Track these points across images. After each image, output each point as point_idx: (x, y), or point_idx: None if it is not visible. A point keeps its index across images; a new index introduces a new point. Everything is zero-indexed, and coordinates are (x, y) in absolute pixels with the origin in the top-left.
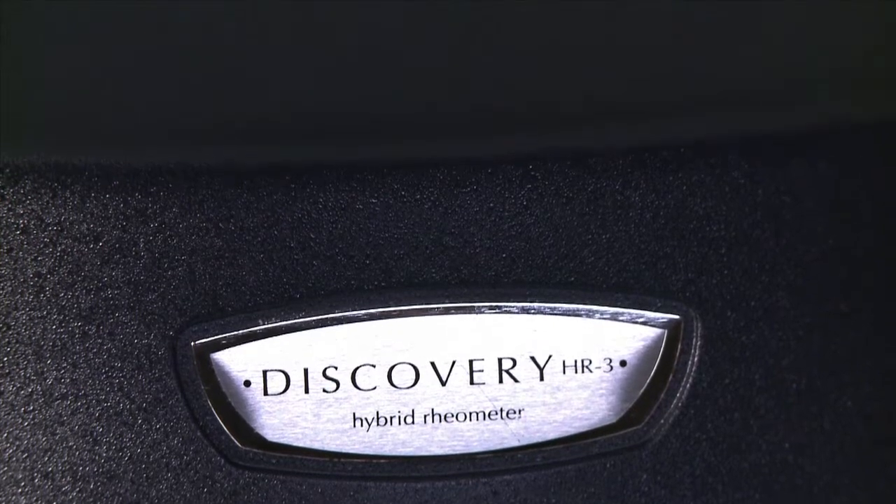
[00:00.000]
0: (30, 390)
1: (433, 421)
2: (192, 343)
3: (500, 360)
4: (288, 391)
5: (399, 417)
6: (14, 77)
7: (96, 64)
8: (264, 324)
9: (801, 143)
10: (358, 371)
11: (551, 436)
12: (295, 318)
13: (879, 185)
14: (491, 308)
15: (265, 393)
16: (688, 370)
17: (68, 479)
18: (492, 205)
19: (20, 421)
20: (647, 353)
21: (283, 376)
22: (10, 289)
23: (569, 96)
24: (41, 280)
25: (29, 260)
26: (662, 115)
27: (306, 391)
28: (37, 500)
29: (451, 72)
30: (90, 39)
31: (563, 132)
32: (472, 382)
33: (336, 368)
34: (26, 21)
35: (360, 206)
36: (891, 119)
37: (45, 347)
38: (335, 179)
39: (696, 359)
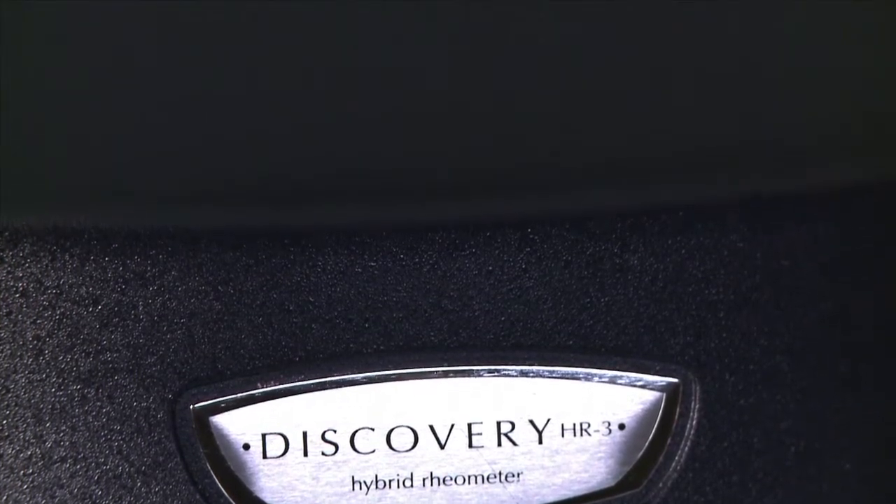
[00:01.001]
0: (29, 453)
1: (432, 484)
2: (191, 406)
3: (498, 424)
4: (287, 454)
5: (398, 481)
6: (13, 140)
7: (95, 127)
8: (263, 387)
9: (800, 206)
10: (357, 434)
11: (550, 499)
12: (294, 382)
13: (879, 247)
14: (490, 371)
15: (264, 456)
16: (686, 433)
17: None
18: (490, 268)
19: (19, 484)
20: (646, 417)
21: (281, 439)
22: (9, 352)
23: (567, 159)
24: (40, 343)
25: (28, 323)
26: (661, 178)
27: (305, 454)
28: None
29: (449, 135)
30: (89, 103)
31: (561, 195)
32: (470, 446)
33: (335, 432)
34: (25, 84)
35: (359, 270)
36: (890, 181)
37: (44, 410)
38: (334, 243)
39: (694, 422)
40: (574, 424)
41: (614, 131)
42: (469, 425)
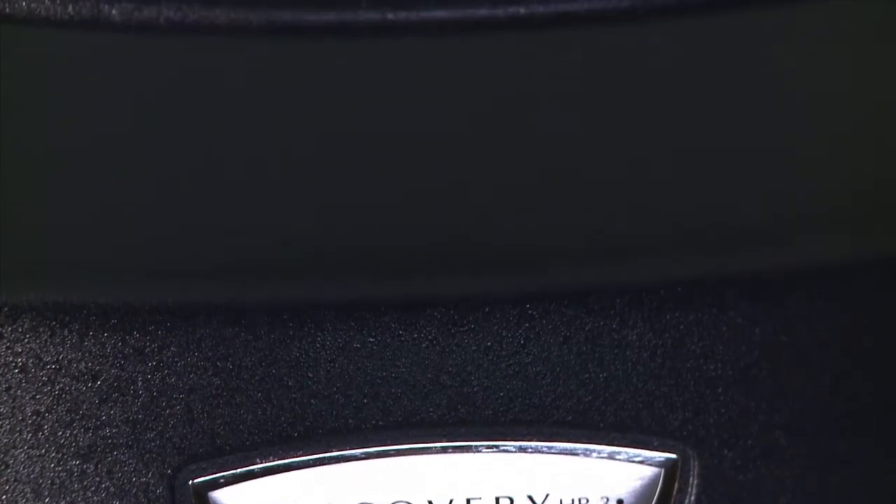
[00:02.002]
0: None
1: None
2: (191, 482)
3: (497, 500)
4: None
5: None
6: (12, 216)
7: (94, 203)
8: (262, 462)
9: (799, 282)
10: None
11: None
12: (293, 457)
13: (879, 322)
14: (488, 447)
15: None
16: None
17: None
18: (489, 344)
19: None
20: (645, 492)
21: None
22: (8, 427)
23: (566, 235)
24: (39, 418)
25: (27, 398)
26: (660, 254)
27: None
28: None
29: (448, 211)
30: (87, 179)
31: (560, 271)
32: None
33: None
34: (25, 160)
35: (358, 346)
36: (890, 257)
37: (43, 486)
38: (333, 318)
39: (693, 498)
40: (573, 500)
41: (613, 208)
42: (468, 500)
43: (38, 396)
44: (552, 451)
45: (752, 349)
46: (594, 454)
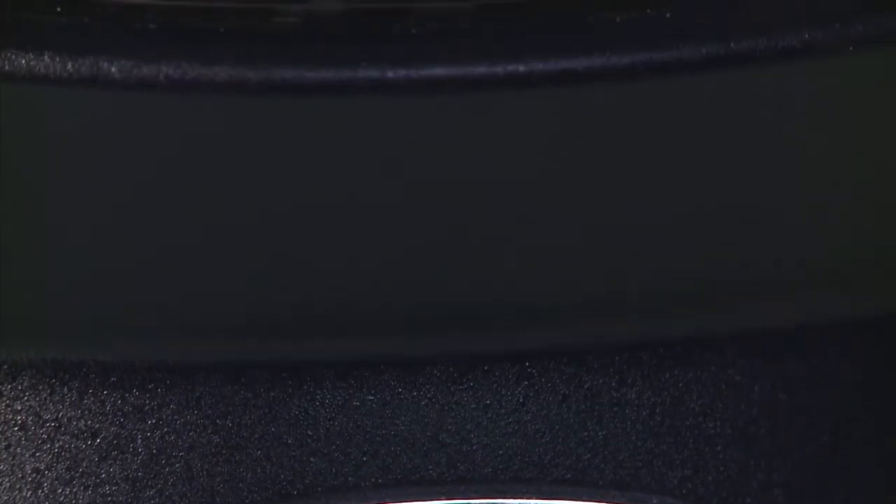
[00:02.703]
0: None
1: None
2: None
3: None
4: None
5: None
6: (12, 273)
7: (93, 261)
8: None
9: (799, 339)
10: None
11: None
12: None
13: (879, 381)
14: None
15: None
16: None
17: None
18: (488, 402)
19: None
20: None
21: None
22: (8, 485)
23: (565, 294)
24: (39, 476)
25: (27, 456)
26: (659, 312)
27: None
28: None
29: (447, 269)
30: (87, 237)
31: (559, 329)
32: None
33: None
34: (24, 218)
35: (357, 403)
36: (889, 315)
37: None
38: (332, 376)
39: None
40: None
41: (611, 266)
42: None
43: (37, 454)
44: None
45: (751, 407)
46: None
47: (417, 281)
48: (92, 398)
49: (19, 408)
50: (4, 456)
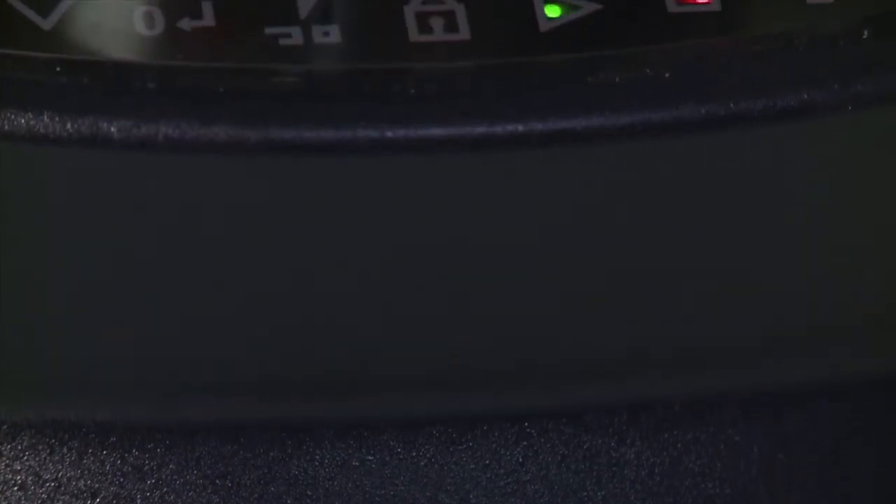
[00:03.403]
0: None
1: None
2: None
3: None
4: None
5: None
6: (11, 333)
7: (93, 321)
8: None
9: (798, 400)
10: None
11: None
12: None
13: (879, 442)
14: None
15: None
16: None
17: None
18: (487, 462)
19: None
20: None
21: None
22: None
23: (563, 354)
24: None
25: None
26: (657, 372)
27: None
28: None
29: (446, 329)
30: (86, 297)
31: (558, 389)
32: None
33: None
34: (23, 277)
35: (357, 463)
36: (889, 373)
37: None
38: (331, 436)
39: None
40: None
41: (610, 326)
42: None
43: None
44: None
45: (751, 468)
46: None
47: (416, 341)
48: (91, 458)
49: (19, 468)
50: None
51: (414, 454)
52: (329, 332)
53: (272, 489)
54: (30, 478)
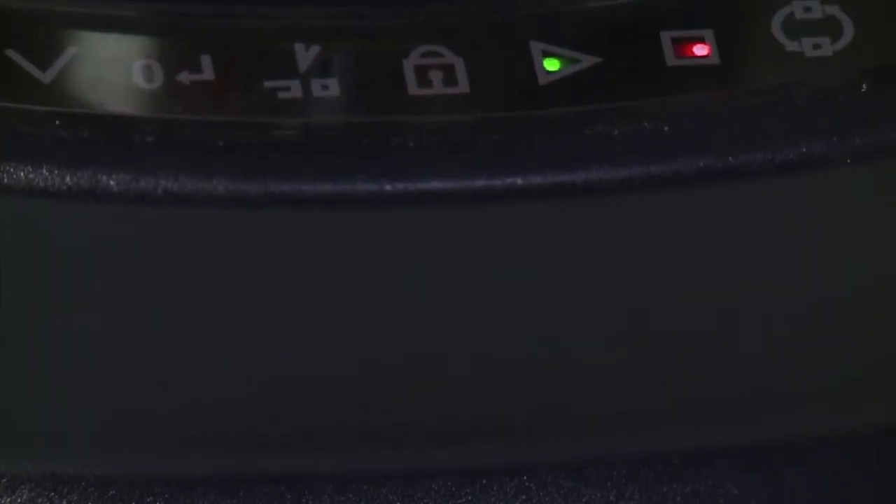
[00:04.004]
0: None
1: None
2: None
3: None
4: None
5: None
6: (9, 387)
7: (91, 375)
8: None
9: (797, 452)
10: None
11: None
12: None
13: (877, 495)
14: None
15: None
16: None
17: None
18: None
19: None
20: None
21: None
22: None
23: (563, 407)
24: None
25: None
26: (656, 425)
27: None
28: None
29: (444, 382)
30: (85, 351)
31: (557, 443)
32: None
33: None
34: (22, 331)
35: None
36: (889, 428)
37: None
38: (331, 490)
39: None
40: None
41: (608, 379)
42: None
43: None
44: None
45: None
46: None
47: (415, 395)
48: None
49: None
50: None
51: None
52: (329, 385)
53: None
54: None
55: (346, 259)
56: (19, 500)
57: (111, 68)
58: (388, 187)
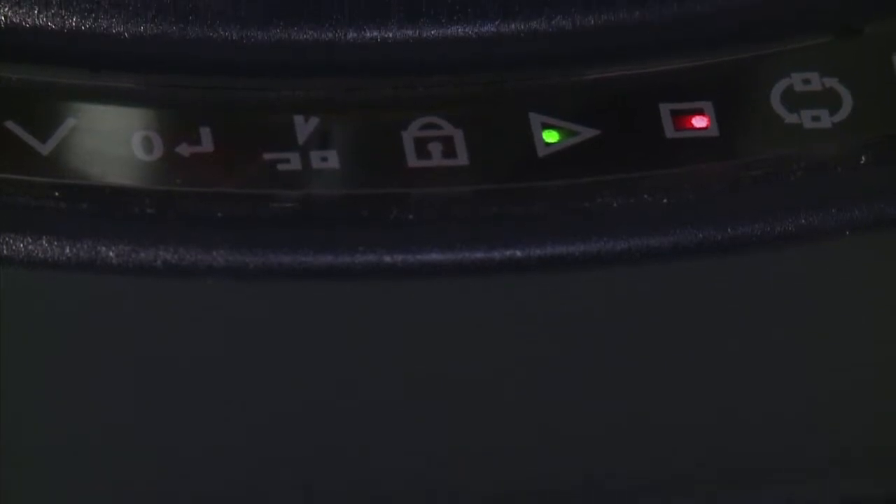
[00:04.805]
0: None
1: None
2: None
3: None
4: None
5: None
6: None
7: (89, 450)
8: None
9: None
10: None
11: None
12: None
13: None
14: None
15: None
16: None
17: None
18: None
19: None
20: None
21: None
22: None
23: (561, 480)
24: None
25: None
26: (653, 499)
27: None
28: None
29: (445, 457)
30: (83, 423)
31: None
32: None
33: None
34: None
35: None
36: (889, 499)
37: None
38: None
39: None
40: None
41: (609, 453)
42: None
43: None
44: None
45: None
46: None
47: (418, 468)
48: None
49: None
50: None
51: None
52: (328, 457)
53: None
54: None
55: (344, 330)
56: None
57: (110, 140)
58: (387, 259)
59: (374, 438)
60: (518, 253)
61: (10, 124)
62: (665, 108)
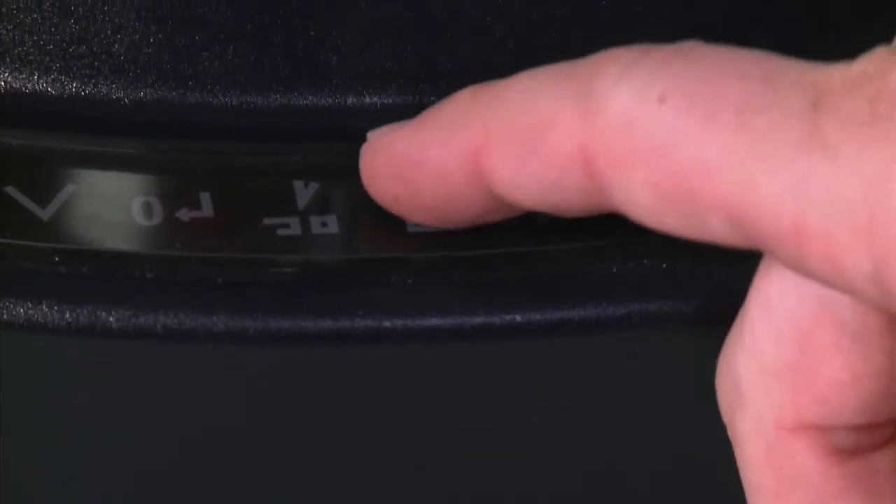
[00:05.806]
0: None
1: None
2: None
3: None
4: None
5: None
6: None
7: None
8: None
9: None
10: None
11: None
12: None
13: None
14: None
15: None
16: None
17: None
18: None
19: None
20: None
21: None
22: None
23: None
24: None
25: None
26: None
27: None
28: None
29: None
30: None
31: None
32: None
33: None
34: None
35: None
36: None
37: None
38: None
39: None
40: None
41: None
42: None
43: None
44: None
45: None
46: None
47: None
48: None
49: None
50: None
51: None
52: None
53: None
54: None
55: (344, 394)
56: None
57: (110, 205)
58: (386, 324)
59: (371, 495)
60: (517, 318)
61: (10, 189)
62: None
